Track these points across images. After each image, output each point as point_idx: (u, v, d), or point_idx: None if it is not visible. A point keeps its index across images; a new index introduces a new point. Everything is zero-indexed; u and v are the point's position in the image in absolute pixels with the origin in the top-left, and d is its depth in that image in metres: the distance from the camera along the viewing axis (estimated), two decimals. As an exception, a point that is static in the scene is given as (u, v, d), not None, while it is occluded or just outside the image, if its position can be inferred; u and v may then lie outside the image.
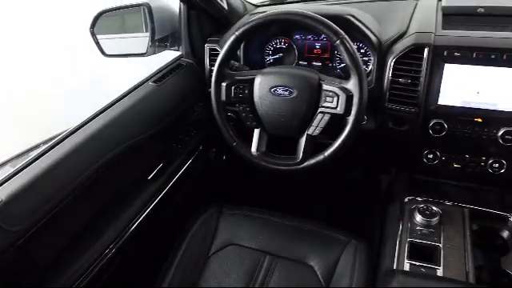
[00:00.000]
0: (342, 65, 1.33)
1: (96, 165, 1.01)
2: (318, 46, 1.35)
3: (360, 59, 1.01)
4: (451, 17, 1.25)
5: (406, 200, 1.21)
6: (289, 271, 1.14)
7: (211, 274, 1.16)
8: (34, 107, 3.14)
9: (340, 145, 1.04)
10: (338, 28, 1.01)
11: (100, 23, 1.37)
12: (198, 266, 1.18)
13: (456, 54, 1.07)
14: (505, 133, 1.07)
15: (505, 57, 1.04)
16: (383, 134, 1.21)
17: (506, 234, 1.11)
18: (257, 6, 1.63)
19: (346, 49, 1.00)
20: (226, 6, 1.30)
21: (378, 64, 1.18)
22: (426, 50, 1.09)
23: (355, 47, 1.23)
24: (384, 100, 1.17)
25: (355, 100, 1.00)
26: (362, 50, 1.28)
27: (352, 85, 1.01)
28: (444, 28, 1.17)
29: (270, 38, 1.41)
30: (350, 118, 1.02)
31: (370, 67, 1.23)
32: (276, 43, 1.41)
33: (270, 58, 1.43)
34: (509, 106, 1.07)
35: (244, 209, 1.31)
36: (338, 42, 1.00)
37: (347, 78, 1.03)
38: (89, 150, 1.02)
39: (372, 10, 1.38)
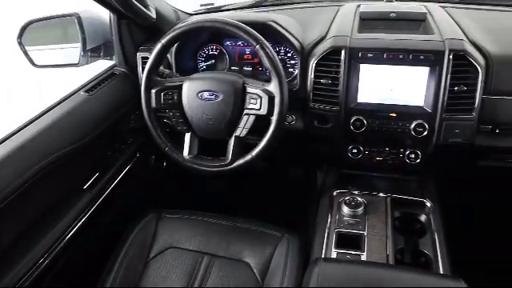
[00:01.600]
0: None
1: (26, 175, 1.00)
2: (247, 52, 1.41)
3: (279, 63, 1.07)
4: (367, 21, 1.36)
5: (335, 194, 1.28)
6: (226, 269, 1.18)
7: (151, 277, 1.18)
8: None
9: (266, 144, 1.10)
10: (256, 34, 1.07)
11: (39, 33, 1.36)
12: (138, 270, 1.19)
13: (369, 55, 1.16)
14: (416, 125, 1.17)
15: (411, 57, 1.14)
16: (311, 132, 1.28)
17: (423, 217, 1.20)
18: (190, 15, 1.67)
19: (265, 53, 1.06)
20: (153, 15, 1.33)
21: (302, 67, 1.25)
22: (342, 52, 1.17)
23: (282, 51, 1.33)
24: (308, 100, 1.24)
25: (277, 101, 1.06)
26: (289, 54, 1.35)
27: (273, 87, 1.07)
28: (360, 31, 1.26)
29: (201, 46, 1.45)
30: (273, 118, 1.08)
31: (296, 70, 1.30)
32: (208, 50, 1.45)
33: (202, 65, 1.47)
34: (418, 102, 1.17)
35: (183, 212, 1.33)
36: (257, 46, 1.06)
37: (269, 80, 1.08)
38: (17, 161, 1.01)
39: (298, 15, 1.47)
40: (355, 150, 1.28)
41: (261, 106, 1.08)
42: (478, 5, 1.50)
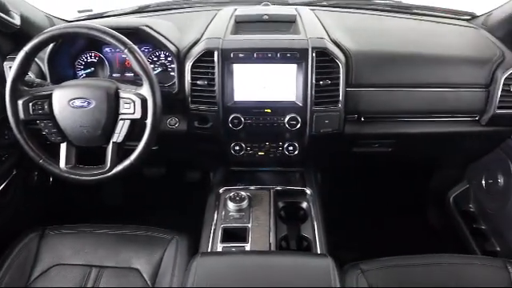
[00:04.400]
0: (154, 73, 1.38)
1: None
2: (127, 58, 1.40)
3: (149, 66, 1.08)
4: (242, 24, 1.42)
5: (221, 191, 1.32)
6: (115, 279, 1.15)
7: (34, 298, 1.11)
8: None
9: (143, 148, 1.10)
10: (124, 38, 1.07)
11: None
12: (19, 293, 1.12)
13: (240, 55, 1.22)
14: (289, 119, 1.25)
15: (279, 55, 1.22)
16: (194, 133, 1.30)
17: (305, 204, 1.29)
18: (68, 22, 1.61)
19: (134, 57, 1.06)
20: (17, 22, 1.26)
21: (179, 69, 1.27)
22: (215, 54, 1.21)
23: (162, 55, 1.34)
24: (188, 102, 1.26)
25: (149, 104, 1.07)
26: (169, 58, 1.36)
27: (145, 90, 1.08)
28: (233, 33, 1.32)
29: (79, 53, 1.41)
30: (148, 122, 1.08)
31: (174, 73, 1.31)
32: (86, 58, 1.41)
33: (82, 73, 1.42)
34: (290, 97, 1.26)
35: (68, 227, 1.28)
36: (125, 51, 1.06)
37: (141, 84, 1.09)
38: None
39: (177, 19, 1.49)
40: (237, 147, 1.33)
41: (134, 110, 1.08)
42: (343, 8, 1.64)
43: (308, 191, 1.31)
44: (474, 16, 1.62)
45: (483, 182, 1.63)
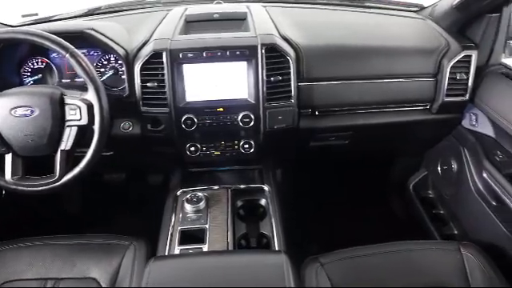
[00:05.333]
0: (104, 77, 1.35)
1: None
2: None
3: (93, 70, 1.06)
4: (193, 23, 1.41)
5: (179, 193, 1.30)
6: (72, 290, 1.12)
7: (-15, 318, 1.07)
8: None
9: (93, 154, 1.07)
10: (65, 42, 1.04)
11: None
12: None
13: (190, 55, 1.20)
14: (243, 117, 1.25)
15: (228, 53, 1.21)
16: (147, 136, 1.28)
17: (263, 201, 1.29)
18: (13, 27, 1.54)
19: (77, 62, 1.03)
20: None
21: (128, 72, 1.25)
22: (164, 55, 1.20)
23: (112, 59, 1.31)
24: (139, 105, 1.24)
25: (96, 109, 1.05)
26: (120, 61, 1.33)
27: (91, 95, 1.05)
28: (182, 33, 1.30)
29: (24, 59, 1.36)
30: (96, 127, 1.06)
31: (124, 76, 1.29)
32: (32, 64, 1.36)
33: (29, 80, 1.37)
34: (243, 94, 1.25)
35: (23, 240, 1.23)
36: (67, 55, 1.03)
37: (86, 89, 1.06)
38: None
39: (127, 21, 1.46)
40: (193, 148, 1.32)
41: (81, 116, 1.05)
42: (295, 3, 1.65)
43: (266, 188, 1.32)
44: (421, 7, 1.65)
45: (439, 168, 1.67)
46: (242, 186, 1.33)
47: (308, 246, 1.43)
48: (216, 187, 1.32)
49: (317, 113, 1.34)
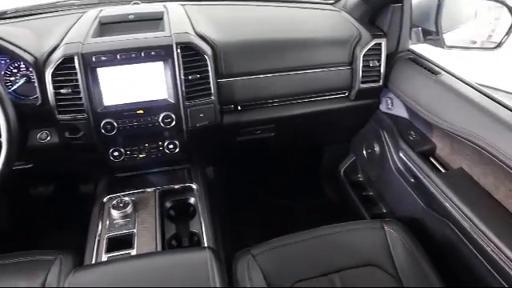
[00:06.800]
0: (15, 86, 1.28)
1: None
2: None
3: None
4: (108, 25, 1.37)
5: (105, 200, 1.27)
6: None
7: None
8: None
9: (2, 169, 1.02)
10: None
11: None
12: None
13: (103, 58, 1.17)
14: (164, 117, 1.24)
15: (143, 54, 1.19)
16: (67, 144, 1.23)
17: (192, 200, 1.29)
18: None
19: None
20: None
21: (39, 79, 1.19)
22: (76, 59, 1.15)
23: (23, 66, 1.24)
24: (54, 113, 1.19)
25: (1, 121, 0.99)
26: (31, 69, 1.26)
27: None
28: (96, 36, 1.26)
29: None
30: (3, 140, 1.01)
31: (35, 83, 1.23)
32: None
33: None
34: (163, 95, 1.24)
35: None
36: None
37: None
38: None
39: (36, 25, 1.39)
40: (116, 153, 1.29)
41: None
42: (212, 0, 1.65)
43: (194, 186, 1.32)
44: (336, 0, 1.72)
45: (364, 152, 1.76)
46: (170, 187, 1.32)
47: (243, 239, 1.44)
48: (143, 190, 1.30)
49: (239, 108, 1.36)
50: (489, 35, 1.46)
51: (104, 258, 1.08)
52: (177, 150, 1.32)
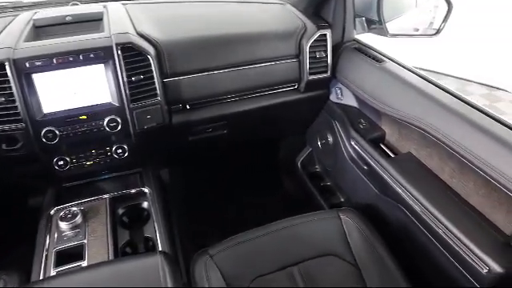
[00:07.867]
0: None
1: None
2: None
3: None
4: (43, 28, 1.30)
5: (53, 212, 1.21)
6: None
7: None
8: None
9: None
10: None
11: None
12: None
13: (38, 63, 1.11)
14: (109, 121, 1.19)
15: (82, 57, 1.14)
16: (5, 157, 1.16)
17: (146, 204, 1.26)
18: None
19: None
20: None
21: None
22: (7, 66, 1.09)
23: None
24: None
25: None
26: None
27: None
28: (29, 40, 1.19)
29: None
30: None
31: None
32: None
33: None
34: (106, 99, 1.19)
35: None
36: None
37: None
38: None
39: None
40: (61, 162, 1.23)
41: None
42: None
43: (147, 190, 1.28)
44: (283, -7, 1.72)
45: (319, 143, 1.77)
46: (122, 192, 1.28)
47: (203, 240, 1.42)
48: (94, 198, 1.25)
49: (188, 106, 1.33)
50: (430, 22, 1.50)
51: (53, 272, 1.03)
52: (126, 154, 1.28)
